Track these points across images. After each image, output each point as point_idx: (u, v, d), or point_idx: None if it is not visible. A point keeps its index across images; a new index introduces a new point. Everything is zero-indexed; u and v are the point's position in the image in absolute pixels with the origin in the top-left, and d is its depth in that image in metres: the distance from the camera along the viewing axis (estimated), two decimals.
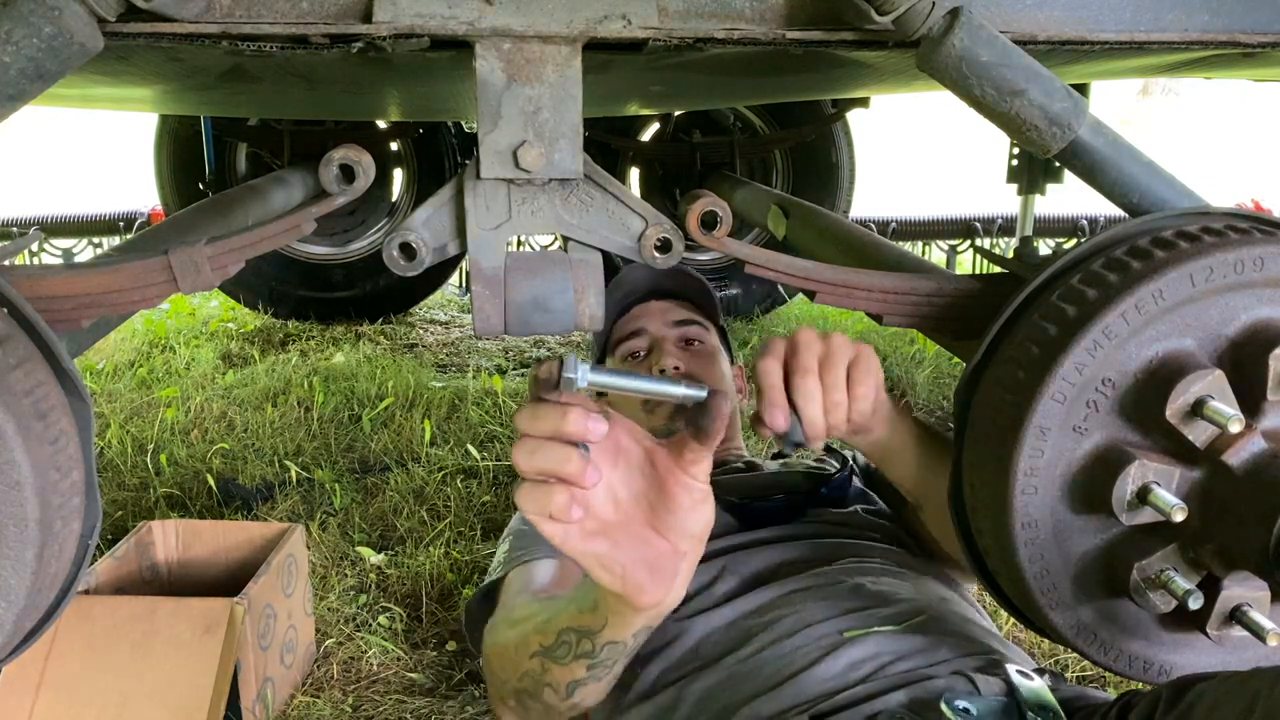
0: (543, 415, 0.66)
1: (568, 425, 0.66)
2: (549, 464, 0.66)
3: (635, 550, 0.71)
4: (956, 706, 0.87)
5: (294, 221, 0.88)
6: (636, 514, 0.72)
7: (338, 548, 1.97)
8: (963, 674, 0.93)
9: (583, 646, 0.85)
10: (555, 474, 0.67)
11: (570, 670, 0.88)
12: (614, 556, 0.71)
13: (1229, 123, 11.78)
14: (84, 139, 9.14)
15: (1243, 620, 0.80)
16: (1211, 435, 0.77)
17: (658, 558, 0.72)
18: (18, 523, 0.69)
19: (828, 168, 3.58)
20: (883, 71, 1.26)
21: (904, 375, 3.06)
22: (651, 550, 0.72)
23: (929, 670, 0.94)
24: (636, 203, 0.92)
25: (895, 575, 1.13)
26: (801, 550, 1.17)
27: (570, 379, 0.66)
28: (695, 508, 0.72)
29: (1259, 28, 0.95)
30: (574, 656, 0.86)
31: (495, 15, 0.83)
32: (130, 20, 0.78)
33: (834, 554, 1.16)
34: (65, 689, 1.32)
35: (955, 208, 4.33)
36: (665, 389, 0.69)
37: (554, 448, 0.66)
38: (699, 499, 0.72)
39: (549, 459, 0.66)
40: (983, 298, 0.95)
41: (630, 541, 0.71)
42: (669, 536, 0.72)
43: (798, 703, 0.92)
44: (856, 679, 0.93)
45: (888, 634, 0.99)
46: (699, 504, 0.72)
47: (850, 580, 1.09)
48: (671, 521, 0.72)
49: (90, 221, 4.14)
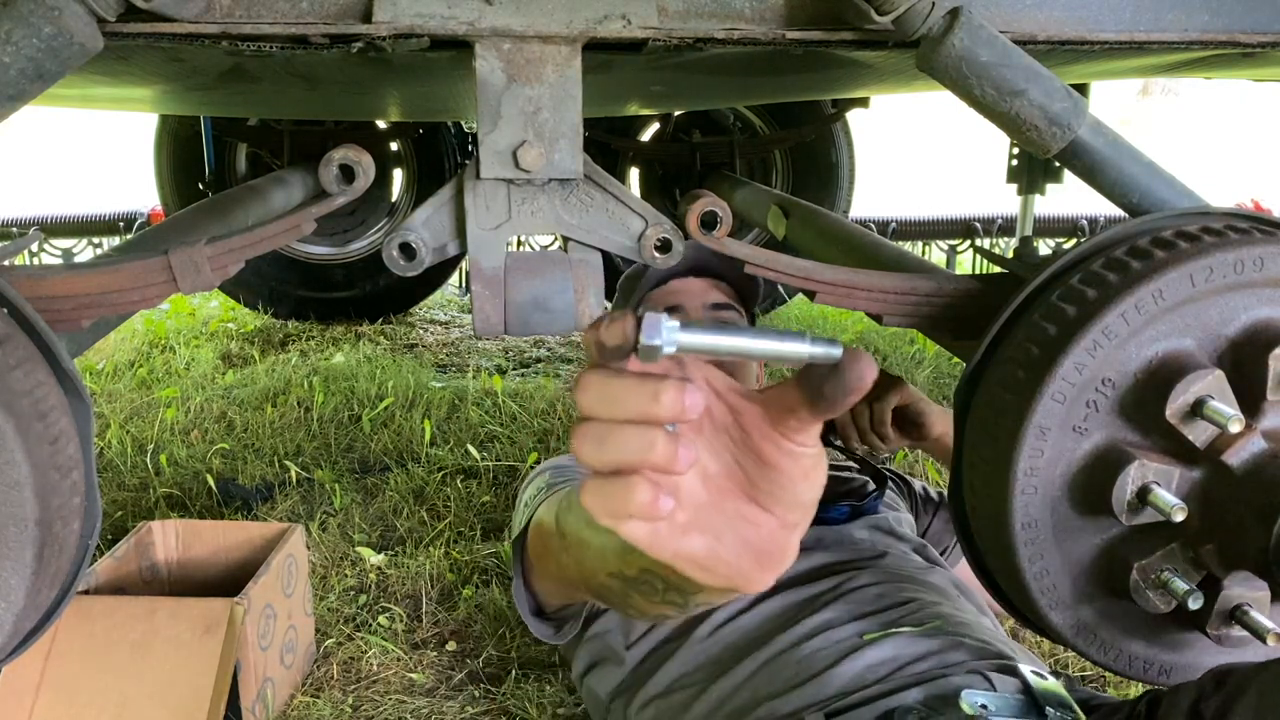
0: (620, 394, 0.49)
1: (659, 408, 0.48)
2: (629, 454, 0.49)
3: (737, 536, 0.56)
4: (974, 702, 0.87)
5: (294, 221, 0.88)
6: (731, 487, 0.56)
7: (338, 548, 1.97)
8: (979, 673, 0.93)
9: (671, 597, 0.72)
10: (638, 465, 0.50)
11: (657, 606, 0.75)
12: (715, 553, 0.56)
13: (1229, 123, 11.78)
14: (84, 139, 9.14)
15: (1243, 620, 0.80)
16: (1211, 435, 0.77)
17: (763, 539, 0.57)
18: (18, 523, 0.69)
19: (828, 168, 3.58)
20: (883, 71, 1.26)
21: (904, 375, 3.06)
22: (755, 531, 0.57)
23: (946, 670, 0.95)
24: (636, 203, 0.92)
25: (913, 581, 1.14)
26: (832, 556, 1.19)
27: (653, 346, 0.48)
28: (807, 475, 0.56)
29: (1259, 28, 0.95)
30: (662, 600, 0.73)
31: (495, 15, 0.83)
32: (130, 20, 0.78)
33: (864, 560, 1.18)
34: (65, 689, 1.32)
35: (955, 208, 4.33)
36: (787, 347, 0.50)
37: (633, 432, 0.49)
38: (809, 466, 0.56)
39: (628, 447, 0.49)
40: (983, 298, 0.95)
41: (729, 525, 0.56)
42: (775, 510, 0.57)
43: (814, 701, 0.92)
44: (873, 679, 0.94)
45: (906, 636, 1.00)
46: (811, 471, 0.56)
47: (871, 586, 1.11)
48: (777, 493, 0.56)
49: (90, 221, 4.13)
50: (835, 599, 1.08)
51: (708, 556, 0.55)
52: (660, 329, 0.47)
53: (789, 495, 0.56)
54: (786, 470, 0.55)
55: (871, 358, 0.49)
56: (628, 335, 0.48)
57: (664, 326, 0.47)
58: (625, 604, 0.78)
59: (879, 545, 1.22)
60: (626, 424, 0.49)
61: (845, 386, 0.48)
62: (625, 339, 0.48)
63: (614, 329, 0.48)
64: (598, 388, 0.49)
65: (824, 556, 1.18)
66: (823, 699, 0.92)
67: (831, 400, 0.50)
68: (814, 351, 0.50)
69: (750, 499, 0.56)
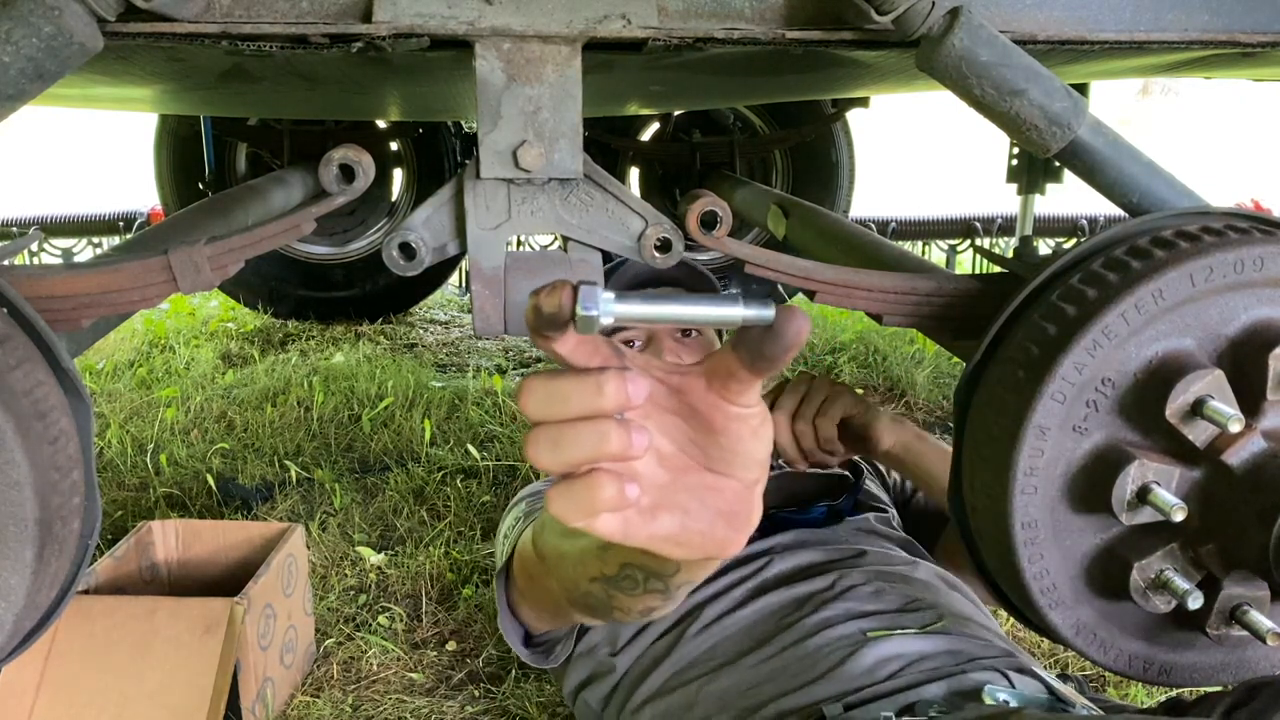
0: (564, 393, 0.49)
1: (604, 399, 0.49)
2: (584, 450, 0.50)
3: (703, 505, 0.58)
4: (998, 698, 0.87)
5: (294, 221, 0.88)
6: (688, 462, 0.58)
7: (338, 548, 1.97)
8: (999, 671, 0.93)
9: (653, 585, 0.75)
10: (596, 459, 0.50)
11: (641, 600, 0.78)
12: (686, 527, 0.57)
13: (1229, 123, 11.78)
14: (84, 139, 9.13)
15: (1242, 620, 0.80)
16: (1211, 435, 0.77)
17: (729, 502, 0.59)
18: (18, 523, 0.68)
19: (828, 168, 3.58)
20: (883, 71, 1.26)
21: (904, 375, 3.06)
22: (719, 496, 0.58)
23: (964, 666, 0.95)
24: (636, 202, 0.92)
25: (911, 579, 1.14)
26: (820, 555, 1.18)
27: (590, 317, 0.47)
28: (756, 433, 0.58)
29: (1259, 28, 0.95)
30: (644, 590, 0.77)
31: (495, 15, 0.83)
32: (130, 20, 0.78)
33: (851, 559, 1.17)
34: (65, 689, 1.32)
35: (955, 208, 4.33)
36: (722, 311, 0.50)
37: (584, 427, 0.50)
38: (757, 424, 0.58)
39: (582, 443, 0.50)
40: (983, 298, 0.95)
41: (694, 497, 0.58)
42: (733, 473, 0.58)
43: (830, 696, 0.92)
44: (885, 675, 0.94)
45: (910, 636, 1.00)
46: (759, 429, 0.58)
47: (869, 584, 1.10)
48: (730, 457, 0.58)
49: (90, 221, 4.13)
50: (832, 598, 1.07)
51: (681, 531, 0.56)
52: (597, 299, 0.47)
53: (742, 455, 0.58)
54: (735, 432, 0.57)
55: (805, 314, 0.50)
56: (564, 305, 0.47)
57: (600, 297, 0.47)
58: (611, 607, 0.80)
59: (862, 544, 1.22)
60: (576, 421, 0.49)
61: (784, 343, 0.49)
62: (561, 308, 0.48)
63: (551, 297, 0.47)
64: (541, 390, 0.49)
65: (811, 555, 1.18)
66: (839, 693, 0.92)
67: (772, 358, 0.50)
68: (747, 314, 0.50)
69: (707, 469, 0.58)
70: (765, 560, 1.17)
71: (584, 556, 0.79)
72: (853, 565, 1.15)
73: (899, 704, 0.89)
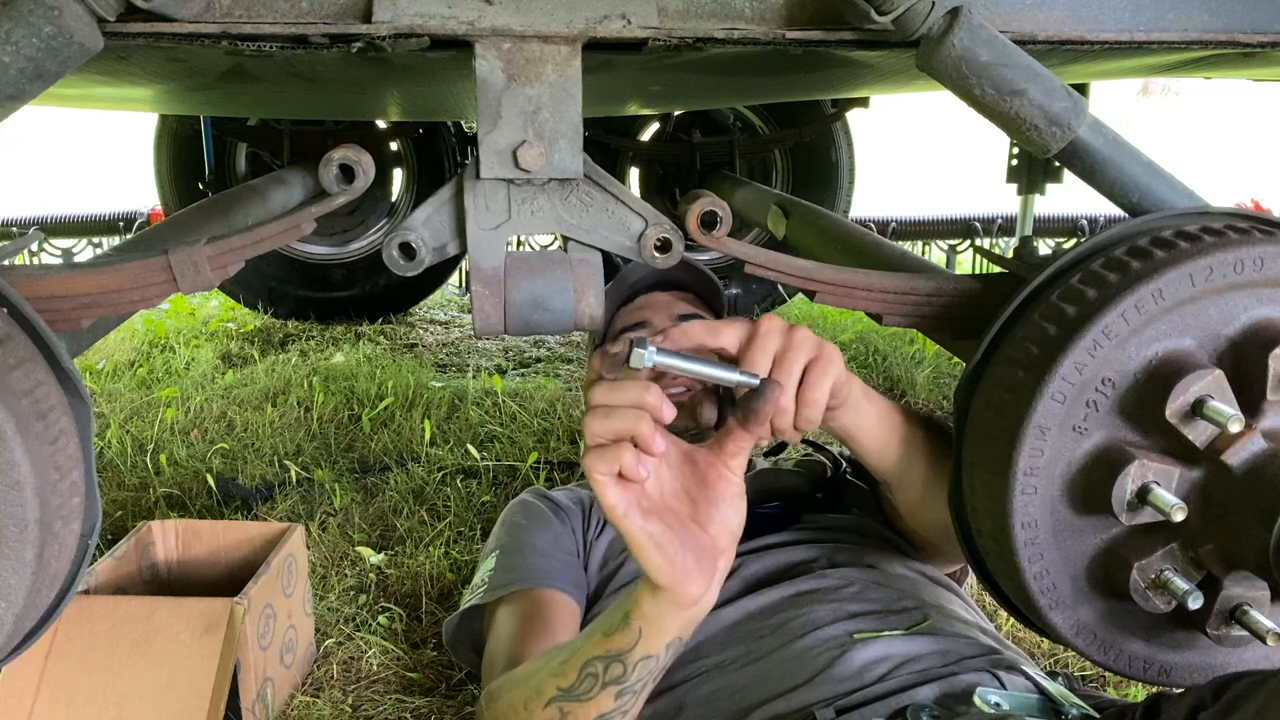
0: (624, 388, 0.74)
1: (649, 397, 0.73)
2: (624, 424, 0.73)
3: (683, 539, 0.77)
4: (989, 700, 0.87)
5: (294, 221, 0.88)
6: (681, 506, 0.79)
7: (338, 548, 1.97)
8: (988, 671, 0.93)
9: (612, 672, 0.84)
10: (628, 434, 0.73)
11: (597, 704, 0.85)
12: (667, 537, 0.76)
13: (1229, 123, 11.78)
14: (84, 139, 9.14)
15: (1242, 620, 0.80)
16: (1211, 435, 0.77)
17: (701, 549, 0.78)
18: (18, 523, 0.69)
19: (828, 167, 3.58)
20: (883, 71, 1.26)
21: (904, 375, 3.06)
22: (696, 541, 0.78)
23: (954, 667, 0.94)
24: (636, 202, 0.92)
25: (896, 578, 1.13)
26: (803, 554, 1.17)
27: (641, 354, 0.77)
28: (734, 502, 0.79)
29: (1259, 28, 0.95)
30: (602, 686, 0.84)
31: (495, 15, 0.83)
32: (130, 20, 0.78)
33: (835, 558, 1.16)
34: (64, 689, 1.32)
35: (955, 208, 4.33)
36: (723, 374, 0.79)
37: (629, 411, 0.73)
38: (736, 493, 0.79)
39: (624, 421, 0.73)
40: (983, 298, 0.95)
41: (679, 527, 0.77)
42: (710, 530, 0.79)
43: (821, 699, 0.92)
44: (873, 678, 0.93)
45: (897, 637, 0.99)
46: (736, 499, 0.79)
47: (853, 584, 1.09)
48: (714, 515, 0.79)
49: (90, 221, 4.13)
50: (816, 599, 1.06)
51: (663, 536, 0.76)
52: (646, 346, 0.77)
53: (722, 513, 0.79)
54: (721, 492, 0.79)
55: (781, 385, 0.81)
56: (624, 351, 0.78)
57: (648, 346, 0.78)
58: None
59: (843, 541, 1.20)
60: (624, 407, 0.74)
61: (765, 398, 0.77)
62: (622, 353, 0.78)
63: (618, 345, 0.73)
64: (606, 385, 0.76)
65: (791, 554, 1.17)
66: (829, 697, 0.92)
67: (756, 412, 0.76)
68: (741, 379, 0.79)
69: (694, 519, 0.79)
70: (743, 559, 1.16)
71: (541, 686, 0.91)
72: (835, 564, 1.15)
73: (891, 707, 0.88)
